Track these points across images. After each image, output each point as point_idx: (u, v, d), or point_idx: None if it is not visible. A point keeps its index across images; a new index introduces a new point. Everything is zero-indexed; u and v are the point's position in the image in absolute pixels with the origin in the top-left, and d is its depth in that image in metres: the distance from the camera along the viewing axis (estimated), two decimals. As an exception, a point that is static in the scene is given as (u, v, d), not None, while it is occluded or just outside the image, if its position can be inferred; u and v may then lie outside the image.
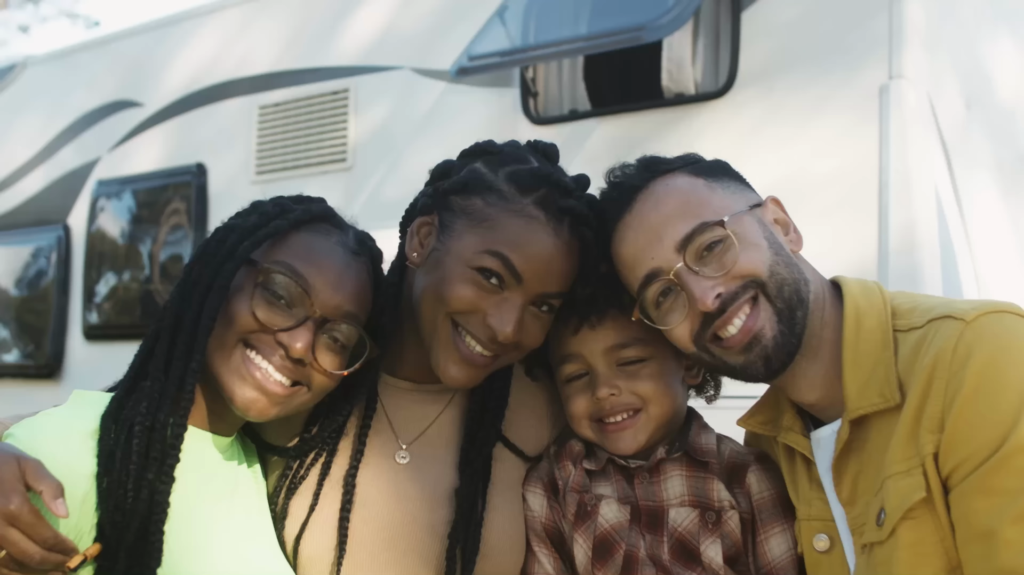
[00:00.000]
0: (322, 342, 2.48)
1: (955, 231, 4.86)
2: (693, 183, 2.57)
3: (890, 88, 4.84)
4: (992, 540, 2.17)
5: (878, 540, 2.37)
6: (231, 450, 2.60)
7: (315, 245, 2.53)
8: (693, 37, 5.50)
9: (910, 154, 4.77)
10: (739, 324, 2.46)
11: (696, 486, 2.70)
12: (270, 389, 2.43)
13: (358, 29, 6.92)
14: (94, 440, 2.31)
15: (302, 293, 2.44)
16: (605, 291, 2.67)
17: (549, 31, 5.76)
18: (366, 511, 2.65)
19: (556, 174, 2.65)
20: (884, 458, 2.39)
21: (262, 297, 2.44)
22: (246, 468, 2.65)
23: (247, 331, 2.43)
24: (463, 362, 2.60)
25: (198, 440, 2.50)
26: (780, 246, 2.53)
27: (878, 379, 2.43)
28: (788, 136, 5.12)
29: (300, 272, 2.46)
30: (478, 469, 2.72)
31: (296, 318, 2.44)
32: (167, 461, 2.32)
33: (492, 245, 2.54)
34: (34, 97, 8.92)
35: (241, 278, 2.46)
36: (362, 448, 2.69)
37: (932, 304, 2.46)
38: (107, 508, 2.26)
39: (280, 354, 2.43)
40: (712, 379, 2.90)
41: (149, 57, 8.07)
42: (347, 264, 2.54)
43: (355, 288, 2.53)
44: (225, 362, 2.43)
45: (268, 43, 7.36)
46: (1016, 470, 2.17)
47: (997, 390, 2.23)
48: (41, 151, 8.62)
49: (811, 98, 5.14)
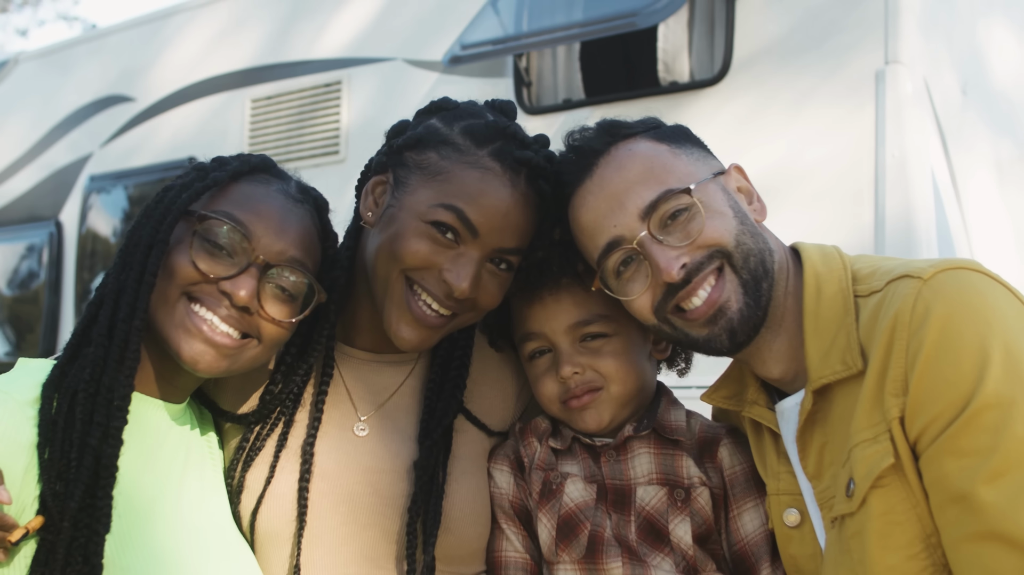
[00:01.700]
0: (268, 290, 2.41)
1: (952, 216, 4.82)
2: (656, 148, 2.49)
3: (886, 73, 4.80)
4: (968, 502, 2.09)
5: (848, 511, 2.30)
6: (183, 417, 2.53)
7: (255, 193, 2.47)
8: (688, 25, 5.46)
9: (906, 139, 4.73)
10: (703, 296, 2.38)
11: (664, 463, 2.64)
12: (217, 341, 2.36)
13: (350, 21, 6.89)
14: (34, 409, 2.24)
15: (242, 239, 2.37)
16: (558, 256, 2.61)
17: (542, 19, 5.73)
18: (324, 483, 2.58)
19: (512, 127, 2.59)
20: (849, 427, 2.32)
21: (201, 247, 2.36)
22: (199, 435, 2.58)
23: (189, 283, 2.36)
24: (415, 322, 2.53)
25: (147, 407, 2.43)
26: (745, 215, 2.46)
27: (839, 346, 2.36)
28: (784, 123, 5.08)
29: (239, 218, 2.39)
30: (438, 440, 2.64)
31: (238, 265, 2.37)
32: (112, 423, 2.24)
33: (446, 198, 2.47)
34: (25, 93, 8.89)
35: (181, 231, 2.39)
36: (319, 417, 2.62)
37: (891, 266, 2.38)
38: (49, 478, 2.18)
39: (225, 304, 2.36)
40: (683, 351, 2.83)
41: (141, 52, 8.04)
42: (288, 210, 2.47)
43: (298, 233, 2.46)
44: (169, 317, 2.36)
45: (259, 36, 7.32)
46: (984, 428, 2.09)
47: (958, 347, 2.15)
48: (33, 147, 8.58)
49: (806, 84, 5.10)
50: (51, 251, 8.20)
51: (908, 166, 4.70)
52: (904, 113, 4.75)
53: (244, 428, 2.65)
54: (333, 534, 2.55)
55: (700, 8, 5.47)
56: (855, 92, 4.91)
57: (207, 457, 2.59)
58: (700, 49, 5.46)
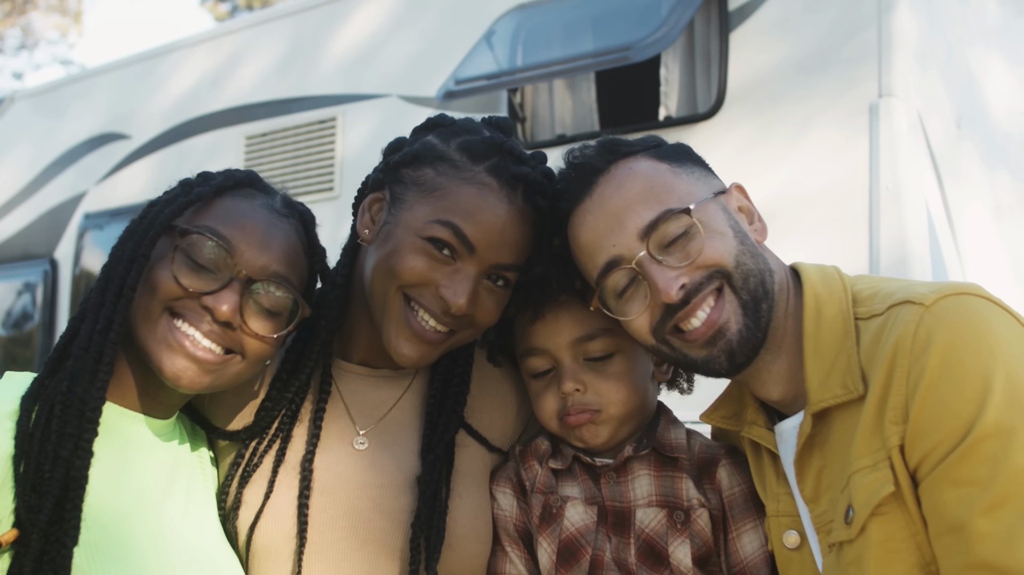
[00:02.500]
0: (251, 305, 2.38)
1: (946, 247, 4.81)
2: (657, 167, 2.45)
3: (880, 106, 4.81)
4: (964, 532, 2.05)
5: (847, 538, 2.27)
6: (170, 433, 2.51)
7: (238, 207, 2.45)
8: (682, 58, 5.48)
9: (900, 172, 4.73)
10: (703, 316, 2.35)
11: (664, 485, 2.63)
12: (200, 356, 2.34)
13: (344, 58, 6.91)
14: (13, 421, 2.22)
15: (225, 254, 2.35)
16: (557, 272, 2.58)
17: (536, 53, 5.75)
18: (324, 498, 2.56)
19: (509, 143, 2.57)
20: (849, 452, 2.28)
21: (183, 262, 2.34)
22: (188, 451, 2.56)
23: (171, 297, 2.34)
24: (415, 338, 2.51)
25: (129, 421, 2.41)
26: (745, 235, 2.43)
27: (840, 370, 2.32)
28: (779, 156, 5.08)
29: (221, 233, 2.37)
30: (440, 455, 2.62)
31: (221, 280, 2.35)
32: (83, 435, 2.22)
33: (443, 214, 2.46)
34: (21, 132, 8.90)
35: (164, 247, 2.37)
36: (318, 433, 2.60)
37: (892, 289, 2.35)
38: (24, 491, 2.16)
39: (208, 319, 2.34)
40: (685, 371, 2.80)
41: (135, 90, 8.06)
42: (272, 224, 2.45)
43: (282, 248, 2.44)
44: (152, 332, 2.34)
45: (254, 73, 7.34)
46: (983, 458, 2.06)
47: (960, 376, 2.11)
48: (28, 185, 8.60)
49: (801, 118, 5.11)
50: (45, 288, 8.19)
51: (902, 199, 4.70)
52: (898, 146, 4.75)
53: (239, 445, 2.63)
54: (333, 548, 2.52)
55: (694, 42, 5.49)
56: (850, 125, 4.92)
57: (196, 474, 2.56)
58: (695, 83, 5.48)
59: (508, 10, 6.13)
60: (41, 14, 29.52)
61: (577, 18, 5.82)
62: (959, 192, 5.05)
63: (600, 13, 5.74)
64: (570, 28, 5.79)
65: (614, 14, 5.65)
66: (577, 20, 5.81)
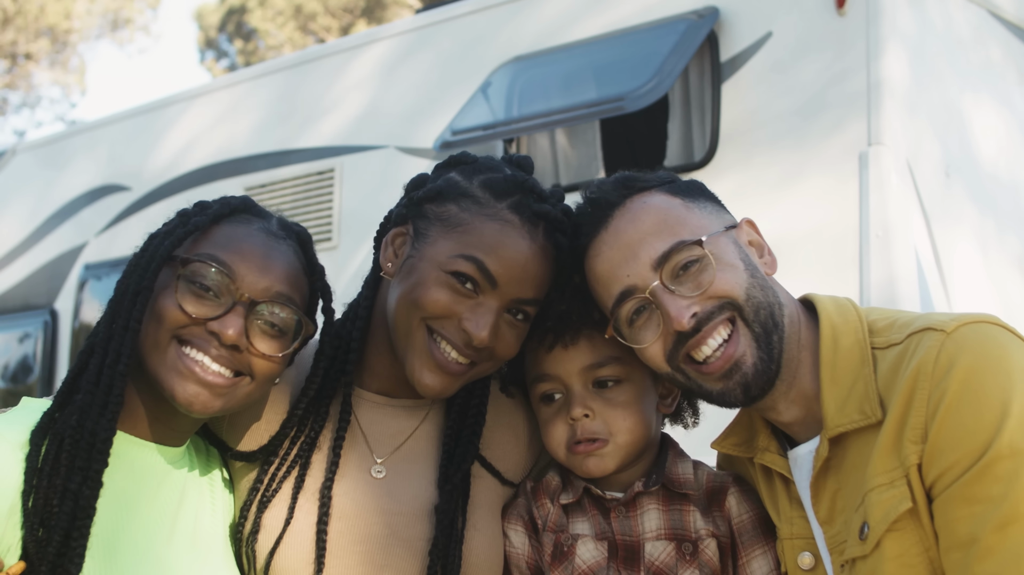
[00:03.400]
0: (256, 327, 2.43)
1: (935, 293, 4.87)
2: (670, 202, 2.55)
3: (869, 155, 4.89)
4: (974, 548, 2.15)
5: (861, 555, 2.35)
6: (181, 461, 2.56)
7: (236, 233, 2.50)
8: (675, 108, 5.57)
9: (890, 219, 4.80)
10: (713, 345, 2.43)
11: (673, 518, 2.67)
12: (210, 381, 2.39)
13: (342, 110, 7.00)
14: (24, 452, 2.27)
15: (226, 279, 2.40)
16: (578, 307, 2.65)
17: (532, 104, 5.83)
18: (342, 524, 2.60)
19: (530, 181, 2.64)
20: (864, 473, 2.37)
21: (187, 289, 2.39)
22: (198, 478, 2.60)
23: (177, 326, 2.39)
24: (438, 369, 2.57)
25: (141, 451, 2.46)
26: (755, 268, 2.51)
27: (857, 396, 2.41)
28: (770, 203, 5.15)
29: (221, 259, 2.42)
30: (457, 485, 2.67)
31: (224, 305, 2.40)
32: (93, 467, 2.27)
33: (466, 249, 2.53)
34: (22, 184, 8.98)
35: (166, 277, 2.42)
36: (337, 460, 2.65)
37: (909, 319, 2.45)
38: (31, 524, 2.22)
39: (215, 344, 2.39)
40: (690, 406, 2.87)
41: (135, 142, 8.14)
42: (271, 247, 2.51)
43: (282, 269, 2.49)
44: (162, 362, 2.39)
45: (252, 126, 7.43)
46: (997, 477, 2.16)
47: (979, 399, 2.22)
48: (29, 236, 8.65)
49: (792, 166, 5.20)
50: (45, 339, 8.23)
51: (892, 244, 4.77)
52: (887, 193, 4.83)
53: (257, 470, 2.67)
54: (350, 573, 2.57)
55: (686, 92, 5.57)
56: (840, 172, 5.01)
57: (205, 501, 2.60)
58: (688, 131, 5.56)
59: (504, 62, 6.23)
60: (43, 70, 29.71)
61: (572, 69, 5.93)
62: (948, 238, 5.11)
63: (594, 64, 5.84)
64: (565, 79, 5.89)
65: (608, 65, 5.75)
66: (572, 71, 5.92)
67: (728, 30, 5.53)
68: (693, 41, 5.47)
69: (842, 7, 5.13)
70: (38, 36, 28.66)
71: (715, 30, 5.54)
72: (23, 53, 28.85)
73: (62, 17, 28.16)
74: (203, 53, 33.36)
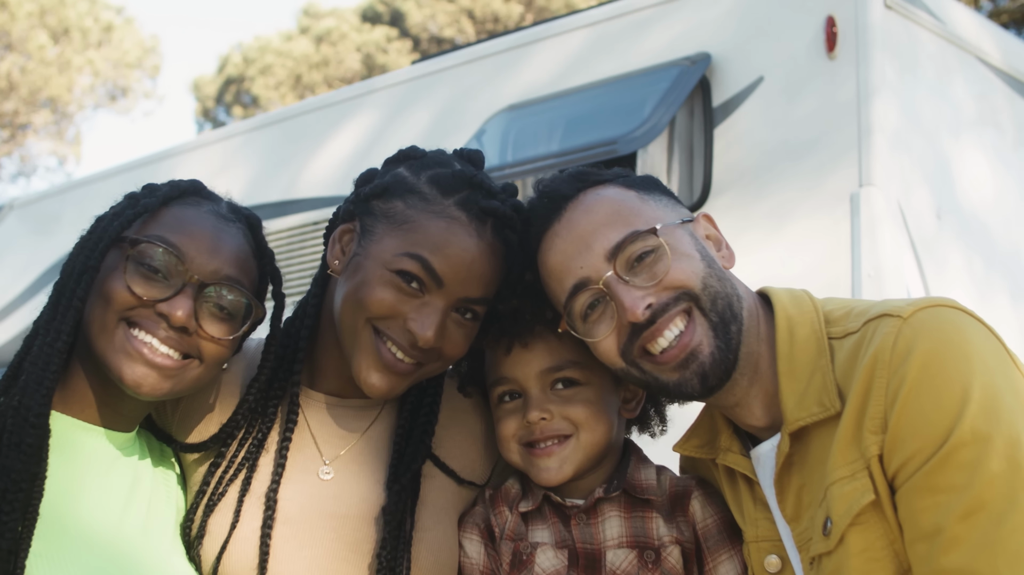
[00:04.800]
0: (206, 309, 2.42)
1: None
2: (625, 194, 2.51)
3: (860, 196, 4.92)
4: (940, 538, 2.10)
5: (826, 551, 2.29)
6: (131, 447, 2.54)
7: (185, 215, 2.49)
8: (667, 151, 5.61)
9: (881, 260, 4.83)
10: (670, 337, 2.38)
11: (635, 525, 2.63)
12: (158, 362, 2.37)
13: (336, 160, 7.04)
14: None
15: (176, 261, 2.39)
16: (530, 305, 2.61)
17: (525, 150, 5.87)
18: (288, 528, 2.56)
19: (479, 176, 2.60)
20: (826, 467, 2.31)
21: (136, 271, 2.38)
22: (151, 467, 2.58)
23: (125, 307, 2.37)
24: (384, 369, 2.51)
25: (88, 434, 2.45)
26: (712, 260, 2.46)
27: (816, 388, 2.35)
28: (762, 245, 5.18)
29: (171, 241, 2.41)
30: (406, 486, 2.61)
31: (173, 287, 2.38)
32: (25, 440, 2.25)
33: (412, 247, 2.48)
34: (19, 238, 8.99)
35: (115, 259, 2.41)
36: (283, 463, 2.60)
37: (866, 307, 2.39)
38: None
39: (163, 326, 2.37)
40: (657, 413, 2.82)
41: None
42: (220, 229, 2.49)
43: (232, 252, 2.47)
44: (109, 343, 2.37)
45: (245, 178, 7.46)
46: (960, 465, 2.10)
47: (939, 385, 2.16)
48: (24, 291, 8.65)
49: (783, 208, 5.23)
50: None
51: (883, 285, 4.79)
52: (878, 234, 4.86)
53: (205, 471, 2.63)
54: None
55: (679, 134, 5.62)
56: (831, 214, 5.04)
57: (160, 490, 2.58)
58: (680, 174, 5.59)
59: (498, 111, 6.28)
60: (39, 139, 29.87)
61: (565, 116, 5.97)
62: (940, 279, 5.13)
63: (588, 111, 5.89)
64: (559, 125, 5.93)
65: (602, 111, 5.80)
66: (566, 118, 5.96)
67: (720, 75, 5.59)
68: (685, 86, 5.52)
69: (832, 51, 5.19)
70: (39, 107, 28.84)
71: (707, 75, 5.59)
72: (23, 123, 29.03)
73: (64, 90, 28.35)
74: (200, 124, 33.57)
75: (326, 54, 30.91)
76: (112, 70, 29.61)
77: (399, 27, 31.21)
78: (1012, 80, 6.04)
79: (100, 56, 29.15)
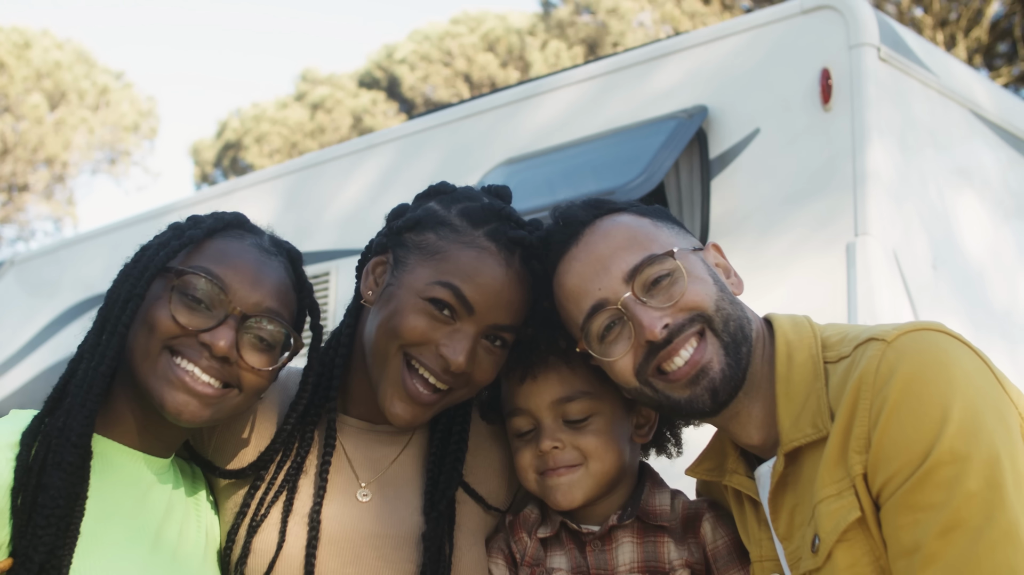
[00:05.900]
0: (247, 340, 2.49)
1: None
2: (639, 221, 2.60)
3: (856, 245, 4.96)
4: (918, 555, 2.17)
5: (815, 567, 2.36)
6: (167, 473, 2.60)
7: (229, 248, 2.57)
8: (665, 200, 5.66)
9: (877, 308, 4.86)
10: (686, 356, 2.45)
11: (647, 550, 2.69)
12: (199, 391, 2.44)
13: (337, 214, 7.10)
14: (14, 453, 2.33)
15: (219, 292, 2.46)
16: (545, 333, 2.69)
17: (526, 199, 5.90)
18: (332, 547, 2.65)
19: (507, 209, 2.71)
20: (814, 486, 2.39)
21: (180, 301, 2.45)
22: (184, 494, 2.64)
23: (169, 336, 2.44)
24: (409, 399, 2.62)
25: (129, 459, 2.51)
26: (723, 285, 2.56)
27: (810, 410, 2.43)
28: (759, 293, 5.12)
29: (215, 272, 2.48)
30: (443, 512, 2.72)
31: (216, 318, 2.46)
32: (66, 459, 2.31)
33: (444, 276, 2.58)
34: (19, 293, 9.03)
35: (159, 288, 2.48)
36: (324, 485, 2.69)
37: (859, 332, 2.48)
38: (20, 523, 2.26)
39: (206, 355, 2.44)
40: (672, 435, 2.89)
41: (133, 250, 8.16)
42: (262, 262, 2.57)
43: (273, 285, 2.55)
44: (152, 371, 2.44)
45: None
46: (938, 484, 2.18)
47: (920, 405, 2.24)
48: (27, 344, 8.67)
49: (779, 257, 5.28)
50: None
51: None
52: (874, 282, 4.90)
53: (243, 493, 2.71)
54: None
55: (676, 185, 5.67)
56: (827, 263, 5.08)
57: (191, 516, 2.64)
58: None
59: (497, 164, 6.36)
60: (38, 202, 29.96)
61: (564, 168, 6.03)
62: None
63: (586, 162, 5.95)
64: (557, 177, 5.99)
65: (600, 163, 5.85)
66: (564, 170, 6.02)
67: (717, 128, 5.65)
68: (682, 138, 5.58)
69: (827, 103, 5.26)
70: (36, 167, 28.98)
71: (704, 128, 5.66)
72: (20, 185, 29.15)
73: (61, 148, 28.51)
74: (199, 187, 33.74)
75: (321, 121, 31.15)
76: (109, 134, 29.78)
77: (396, 93, 31.45)
78: (1004, 132, 6.11)
79: (98, 119, 29.34)
